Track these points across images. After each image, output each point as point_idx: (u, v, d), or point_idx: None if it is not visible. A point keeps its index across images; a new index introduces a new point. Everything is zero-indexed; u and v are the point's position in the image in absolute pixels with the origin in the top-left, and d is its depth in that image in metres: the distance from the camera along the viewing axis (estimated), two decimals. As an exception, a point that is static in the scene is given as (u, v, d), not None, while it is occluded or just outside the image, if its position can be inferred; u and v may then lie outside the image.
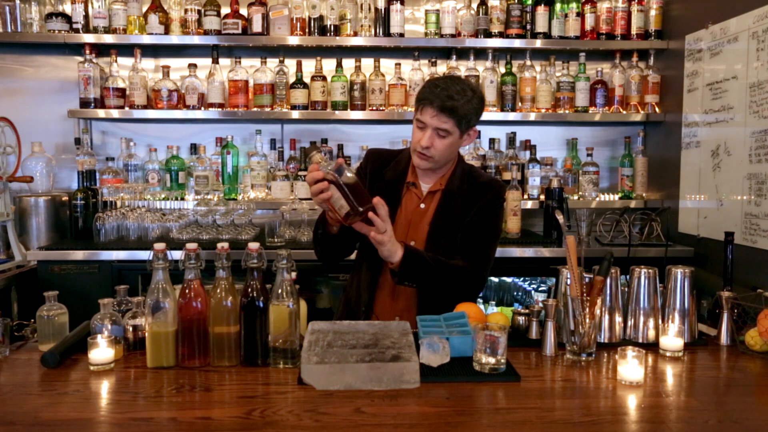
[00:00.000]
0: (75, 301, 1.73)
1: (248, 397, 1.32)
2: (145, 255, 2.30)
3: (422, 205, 1.98)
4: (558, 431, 1.19)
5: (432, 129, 1.85)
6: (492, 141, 3.41)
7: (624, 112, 3.35)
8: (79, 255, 2.76)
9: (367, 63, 3.29)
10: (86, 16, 3.17)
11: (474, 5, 3.29)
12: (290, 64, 3.29)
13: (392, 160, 2.05)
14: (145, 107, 3.20)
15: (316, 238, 1.97)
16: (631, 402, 1.32)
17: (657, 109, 3.29)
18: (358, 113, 3.23)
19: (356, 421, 1.20)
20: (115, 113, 3.16)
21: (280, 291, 1.47)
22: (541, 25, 3.28)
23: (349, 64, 3.29)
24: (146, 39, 3.16)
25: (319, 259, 2.04)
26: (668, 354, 1.60)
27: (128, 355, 1.57)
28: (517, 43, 3.28)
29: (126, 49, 3.24)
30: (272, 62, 3.30)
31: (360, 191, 1.68)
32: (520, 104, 3.33)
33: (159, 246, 1.48)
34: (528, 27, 3.30)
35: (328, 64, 3.29)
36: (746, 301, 1.72)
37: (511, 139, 3.41)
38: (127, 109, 3.18)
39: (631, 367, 1.40)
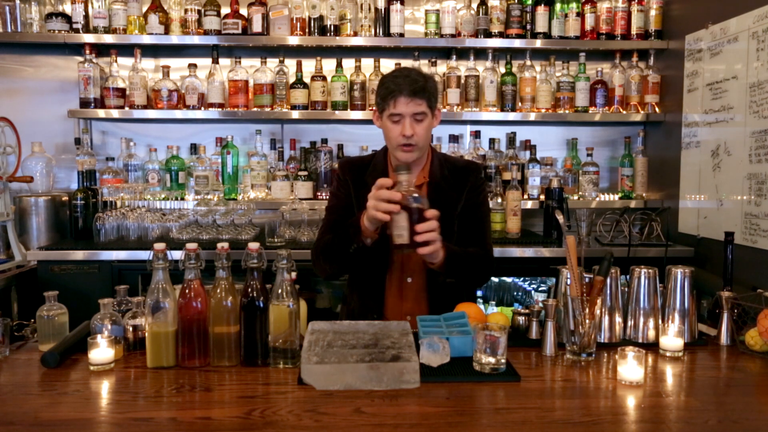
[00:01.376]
0: (75, 301, 1.74)
1: (248, 397, 1.32)
2: (145, 255, 2.29)
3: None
4: (558, 431, 1.19)
5: (409, 116, 1.86)
6: (492, 141, 3.41)
7: (624, 112, 3.35)
8: (79, 255, 2.76)
9: (367, 63, 3.29)
10: (86, 16, 3.17)
11: (474, 5, 3.29)
12: (290, 64, 3.29)
13: (368, 165, 2.04)
14: (145, 107, 3.20)
15: (339, 252, 1.86)
16: (631, 402, 1.32)
17: (657, 109, 3.29)
18: (358, 113, 3.23)
19: (356, 421, 1.20)
20: (115, 113, 3.16)
21: (280, 291, 1.47)
22: (541, 25, 3.28)
23: (349, 64, 3.29)
24: (146, 39, 3.16)
25: (329, 275, 1.98)
26: (668, 354, 1.60)
27: (128, 355, 1.57)
28: (517, 43, 3.28)
29: (126, 49, 3.24)
30: (272, 62, 3.30)
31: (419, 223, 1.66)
32: (520, 104, 3.33)
33: (159, 246, 1.48)
34: (528, 27, 3.30)
35: (328, 64, 3.29)
36: (746, 301, 1.72)
37: (511, 139, 3.41)
38: (127, 109, 3.18)
39: (631, 367, 1.40)
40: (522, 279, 3.09)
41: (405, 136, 1.86)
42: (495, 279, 3.10)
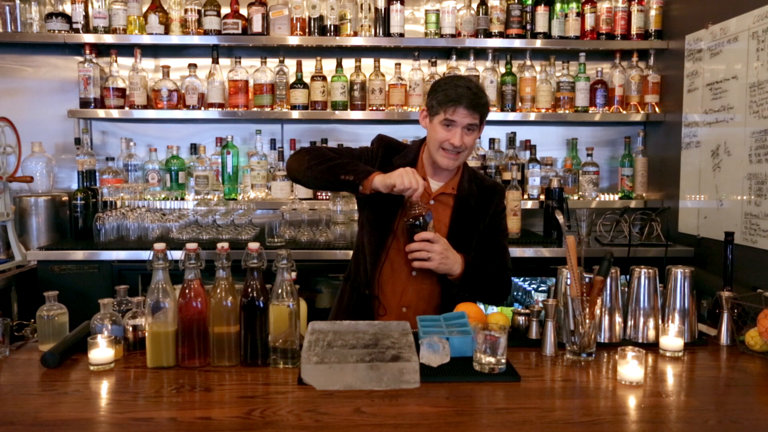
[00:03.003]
0: (75, 301, 1.74)
1: (248, 397, 1.32)
2: (145, 255, 2.30)
3: (432, 201, 2.02)
4: (558, 431, 1.19)
5: (462, 127, 1.90)
6: (492, 141, 3.41)
7: (624, 112, 3.34)
8: (79, 255, 2.76)
9: (367, 63, 3.29)
10: (86, 16, 3.17)
11: (474, 5, 3.29)
12: (290, 64, 3.29)
13: (400, 150, 2.09)
14: (145, 107, 3.20)
15: (331, 170, 1.90)
16: (631, 402, 1.32)
17: (657, 109, 3.29)
18: (358, 113, 3.23)
19: (356, 421, 1.20)
20: (115, 113, 3.16)
21: (280, 291, 1.47)
22: (541, 25, 3.28)
23: (349, 64, 3.29)
24: (146, 39, 3.16)
25: (296, 174, 2.01)
26: (668, 354, 1.60)
27: (128, 355, 1.57)
28: (517, 43, 3.28)
29: (126, 49, 3.24)
30: (272, 62, 3.30)
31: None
32: (520, 104, 3.33)
33: (159, 246, 1.48)
34: (528, 27, 3.30)
35: (328, 64, 3.29)
36: (746, 301, 1.72)
37: (511, 139, 3.41)
38: (127, 109, 3.18)
39: (631, 367, 1.40)
40: (522, 279, 3.09)
41: (454, 145, 1.90)
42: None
